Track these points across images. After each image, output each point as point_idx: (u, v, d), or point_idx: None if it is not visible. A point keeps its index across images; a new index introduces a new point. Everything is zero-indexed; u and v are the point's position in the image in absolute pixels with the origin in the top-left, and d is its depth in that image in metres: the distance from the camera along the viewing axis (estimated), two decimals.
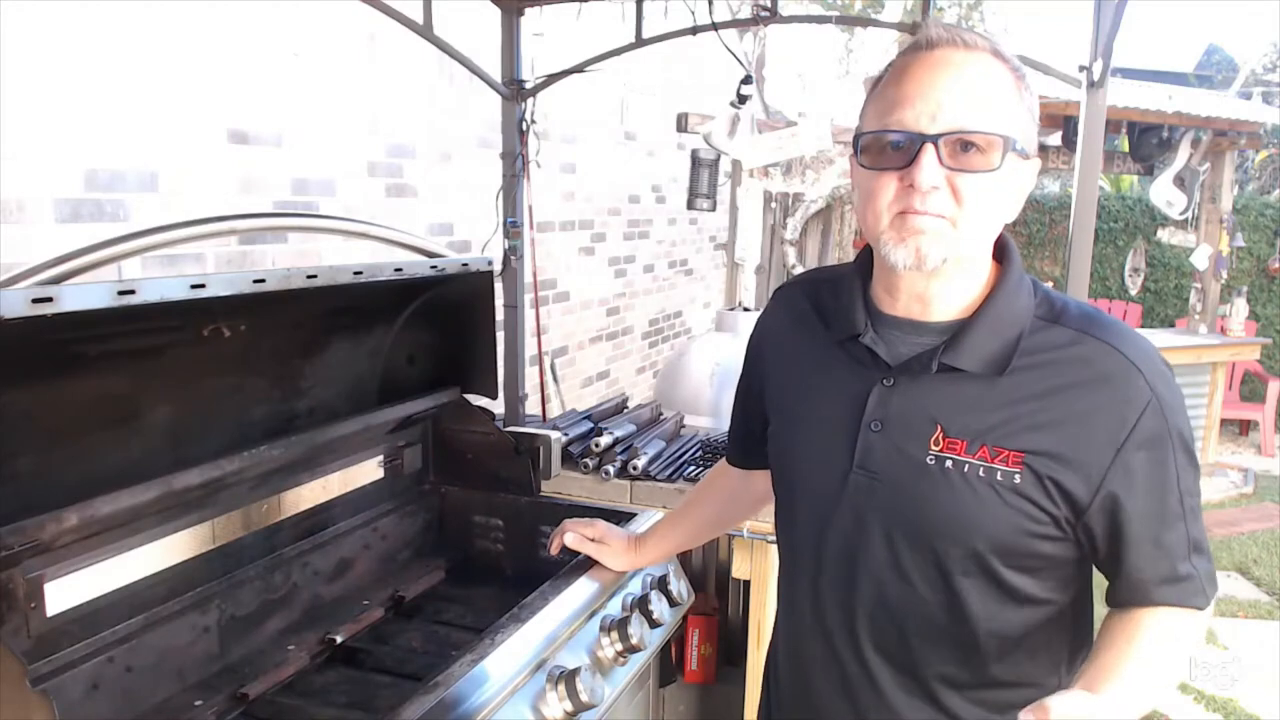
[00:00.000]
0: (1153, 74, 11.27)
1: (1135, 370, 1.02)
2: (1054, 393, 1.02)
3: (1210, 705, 3.46)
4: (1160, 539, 1.03)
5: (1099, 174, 2.43)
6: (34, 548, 1.25)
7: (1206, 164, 6.12)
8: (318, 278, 1.52)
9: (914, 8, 10.35)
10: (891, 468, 1.08)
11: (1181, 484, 1.03)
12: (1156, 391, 1.02)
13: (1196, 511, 1.05)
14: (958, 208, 0.99)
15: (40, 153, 2.23)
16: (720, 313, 3.71)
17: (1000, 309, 1.06)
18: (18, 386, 1.27)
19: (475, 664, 1.35)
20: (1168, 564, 1.04)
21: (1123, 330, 1.05)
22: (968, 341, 1.05)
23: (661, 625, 1.76)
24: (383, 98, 3.39)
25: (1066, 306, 1.08)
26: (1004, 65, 1.01)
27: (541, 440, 2.10)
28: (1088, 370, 1.02)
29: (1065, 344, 1.04)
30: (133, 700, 1.45)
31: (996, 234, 1.07)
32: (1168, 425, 1.02)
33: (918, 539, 1.07)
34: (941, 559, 1.06)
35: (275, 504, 1.76)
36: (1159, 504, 1.03)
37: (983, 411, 1.04)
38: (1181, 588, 1.04)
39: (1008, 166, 0.99)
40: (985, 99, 0.99)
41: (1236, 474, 6.29)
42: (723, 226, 6.55)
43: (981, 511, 1.03)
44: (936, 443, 1.05)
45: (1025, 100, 1.02)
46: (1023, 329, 1.05)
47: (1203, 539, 1.06)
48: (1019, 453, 1.01)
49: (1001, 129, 0.98)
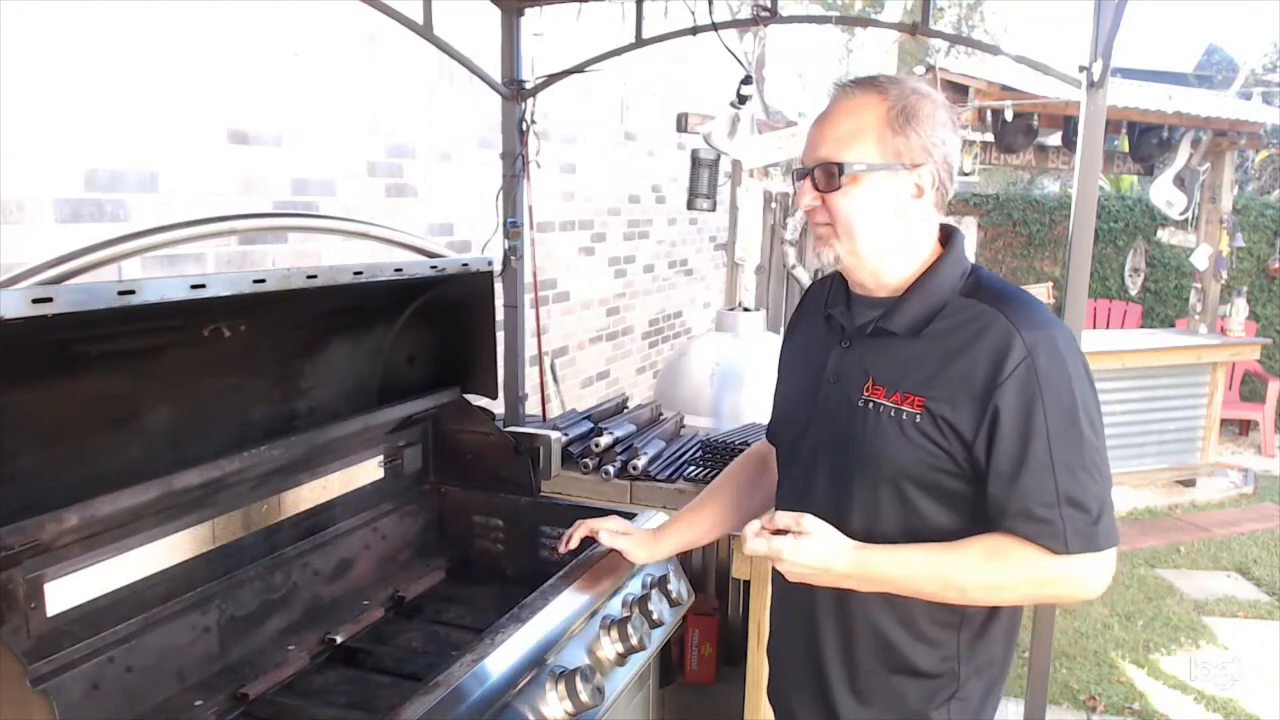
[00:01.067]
0: (1153, 74, 11.27)
1: (1017, 335, 1.23)
2: (953, 351, 1.27)
3: (1210, 705, 3.47)
4: (1018, 479, 1.22)
5: (1099, 174, 2.43)
6: (34, 548, 1.25)
7: (1206, 164, 6.12)
8: (318, 278, 1.52)
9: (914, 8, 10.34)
10: (837, 411, 1.36)
11: (1052, 439, 1.21)
12: (1034, 356, 1.22)
13: (1076, 471, 1.22)
14: (831, 217, 1.31)
15: (40, 153, 2.23)
16: (720, 313, 3.71)
17: (928, 285, 1.32)
18: (18, 386, 1.27)
19: (475, 664, 1.35)
20: (1022, 503, 1.23)
21: (1025, 306, 1.28)
22: (898, 310, 1.32)
23: (661, 625, 1.76)
24: (383, 98, 3.39)
25: (989, 286, 1.32)
26: (874, 99, 1.28)
27: (541, 440, 2.10)
28: (981, 334, 1.26)
29: (972, 314, 1.28)
30: (133, 700, 1.45)
31: (894, 233, 1.32)
32: (1039, 385, 1.21)
33: (850, 467, 1.33)
34: (866, 483, 1.32)
35: (275, 504, 1.76)
36: (1020, 449, 1.22)
37: (901, 365, 1.30)
38: (1034, 526, 1.23)
39: (850, 186, 1.28)
40: (844, 133, 1.28)
41: (1236, 474, 6.29)
42: (723, 226, 6.55)
43: (892, 444, 1.28)
44: (867, 389, 1.32)
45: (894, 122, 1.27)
46: (946, 302, 1.30)
47: (1083, 497, 1.22)
48: (920, 398, 1.27)
49: (841, 156, 1.27)
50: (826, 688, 1.41)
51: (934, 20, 2.55)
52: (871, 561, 1.27)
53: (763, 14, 2.58)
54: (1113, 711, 3.42)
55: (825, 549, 1.27)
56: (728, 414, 3.17)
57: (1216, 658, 3.83)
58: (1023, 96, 5.38)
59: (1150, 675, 3.68)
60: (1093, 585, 1.26)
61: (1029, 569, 1.24)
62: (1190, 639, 3.99)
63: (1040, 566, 1.24)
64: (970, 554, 1.25)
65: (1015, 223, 9.12)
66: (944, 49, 8.77)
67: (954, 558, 1.26)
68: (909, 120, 1.27)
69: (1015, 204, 9.21)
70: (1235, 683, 3.61)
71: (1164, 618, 4.19)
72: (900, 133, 1.27)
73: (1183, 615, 4.22)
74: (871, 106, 1.28)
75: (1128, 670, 3.72)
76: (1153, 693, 3.54)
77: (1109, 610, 4.25)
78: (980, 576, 1.26)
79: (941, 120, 1.30)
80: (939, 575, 1.26)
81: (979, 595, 1.28)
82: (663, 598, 1.81)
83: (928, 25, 2.45)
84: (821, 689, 1.42)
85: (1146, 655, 3.84)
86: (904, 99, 1.28)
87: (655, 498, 2.33)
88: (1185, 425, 5.92)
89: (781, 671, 1.54)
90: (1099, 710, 3.43)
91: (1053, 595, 1.35)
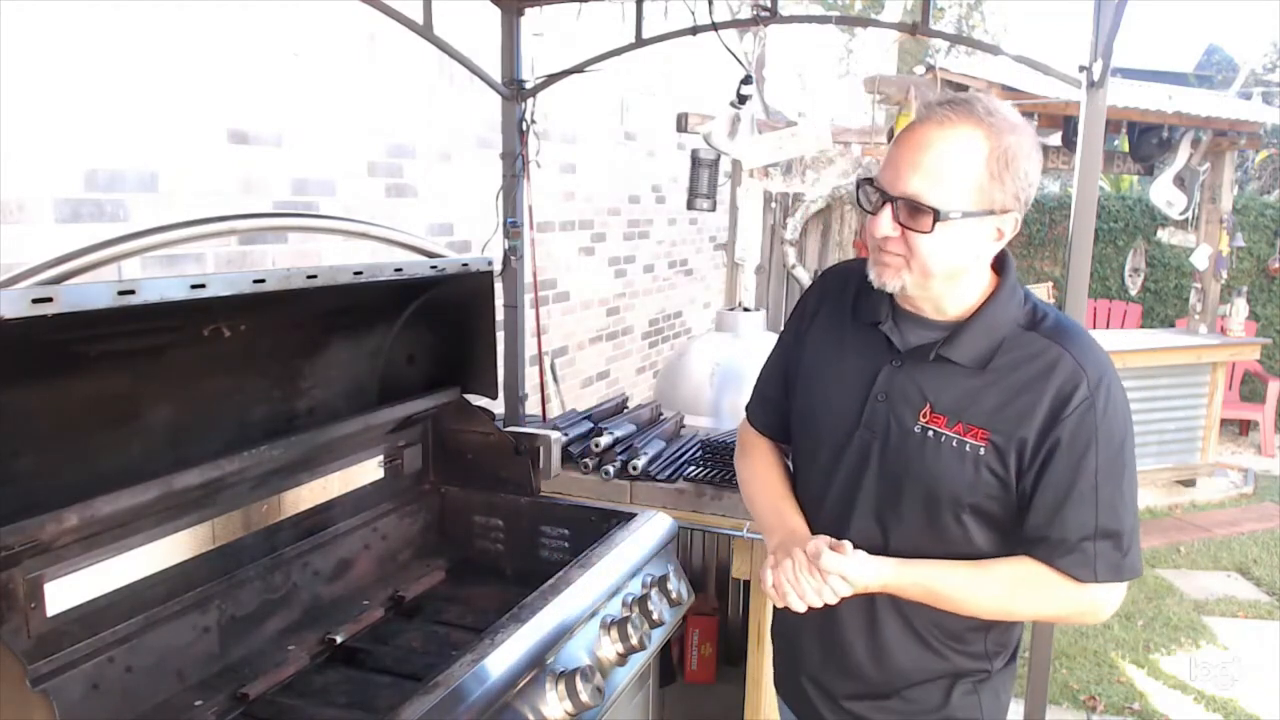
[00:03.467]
0: (1153, 74, 11.26)
1: (1083, 375, 1.26)
2: (1019, 386, 1.28)
3: (1210, 705, 3.46)
4: (1061, 511, 1.26)
5: (1099, 174, 2.43)
6: (34, 548, 1.25)
7: (1206, 164, 6.11)
8: (318, 278, 1.52)
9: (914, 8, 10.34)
10: (887, 430, 1.35)
11: (1099, 476, 1.25)
12: (1095, 396, 1.25)
13: (1116, 506, 1.27)
14: (908, 252, 1.26)
15: (40, 153, 2.23)
16: (720, 313, 3.70)
17: (991, 315, 1.31)
18: (18, 386, 1.27)
19: (475, 664, 1.35)
20: (1060, 533, 1.27)
21: (1086, 343, 1.30)
22: (961, 339, 1.31)
23: (661, 625, 1.76)
24: (383, 98, 3.39)
25: (1046, 317, 1.33)
26: (979, 137, 1.21)
27: (541, 440, 2.10)
28: (1047, 370, 1.27)
29: (1036, 348, 1.29)
30: (133, 700, 1.45)
31: (965, 269, 1.30)
32: (1096, 426, 1.25)
33: (901, 486, 1.34)
34: (916, 502, 1.33)
35: (275, 504, 1.76)
36: (1068, 484, 1.26)
37: (964, 396, 1.30)
38: (1067, 555, 1.27)
39: (941, 231, 1.23)
40: (939, 171, 1.22)
41: (1236, 474, 6.29)
42: (723, 226, 6.54)
43: (952, 473, 1.30)
44: (925, 415, 1.32)
45: (992, 167, 1.22)
46: (1007, 333, 1.31)
47: (1118, 529, 1.27)
48: (985, 430, 1.28)
49: (938, 202, 1.21)
50: (854, 687, 1.44)
51: (934, 20, 2.55)
52: (903, 575, 1.31)
53: (763, 14, 2.58)
54: (1113, 711, 3.42)
55: (872, 566, 1.30)
56: (728, 414, 3.17)
57: (1216, 658, 3.83)
58: (1023, 96, 5.38)
59: (1150, 675, 3.68)
60: (1105, 612, 1.32)
61: (1051, 594, 1.29)
62: (1190, 639, 3.99)
63: (1062, 593, 1.29)
64: (997, 576, 1.30)
65: None
66: (944, 49, 8.76)
67: (980, 578, 1.30)
68: (1008, 166, 1.23)
69: None
70: (1235, 683, 3.60)
71: (1164, 618, 4.19)
72: (997, 179, 1.23)
73: (1183, 615, 4.22)
74: (974, 147, 1.22)
75: (1128, 670, 3.72)
76: (1153, 693, 3.54)
77: None
78: (1002, 598, 1.31)
79: (1035, 159, 1.26)
80: (962, 593, 1.30)
81: (993, 613, 1.33)
82: (663, 598, 1.81)
83: (928, 25, 2.45)
84: (847, 689, 1.45)
85: (1146, 655, 3.84)
86: (1005, 141, 1.22)
87: (655, 498, 2.33)
88: (1185, 425, 5.92)
89: (795, 671, 1.55)
90: (1099, 710, 3.43)
91: (1064, 618, 1.38)
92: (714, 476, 2.36)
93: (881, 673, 1.42)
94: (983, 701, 1.41)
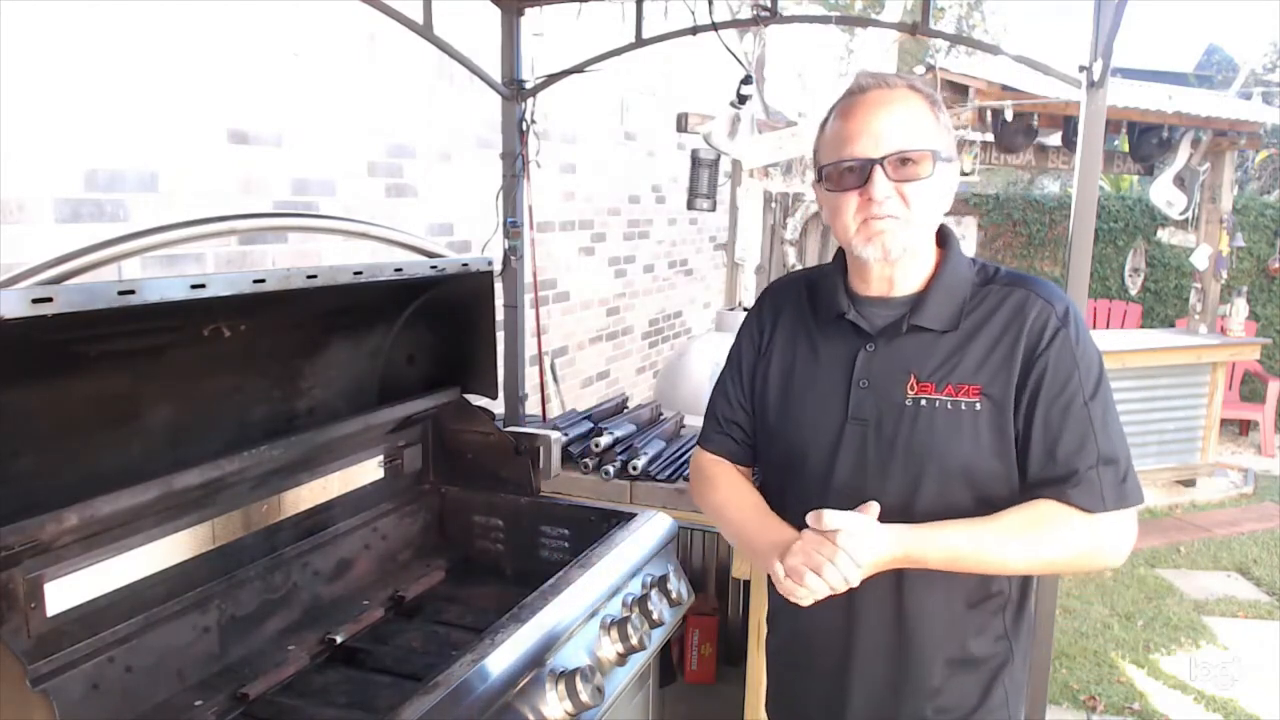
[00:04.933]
0: (1153, 74, 11.26)
1: (1050, 308, 1.30)
2: (995, 335, 1.30)
3: (1210, 705, 3.46)
4: (1060, 440, 1.26)
5: (1099, 174, 2.43)
6: (34, 548, 1.25)
7: (1206, 164, 6.12)
8: (318, 278, 1.52)
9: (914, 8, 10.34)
10: (879, 415, 1.33)
11: (1089, 401, 1.27)
12: (1066, 325, 1.29)
13: (1109, 429, 1.27)
14: (906, 208, 1.28)
15: (40, 153, 2.23)
16: (720, 313, 3.71)
17: (948, 279, 1.35)
18: (18, 386, 1.27)
19: (475, 664, 1.35)
20: (1066, 465, 1.26)
21: (1044, 283, 1.34)
22: (928, 306, 1.33)
23: (661, 625, 1.76)
24: (383, 98, 3.39)
25: (998, 270, 1.38)
26: (919, 96, 1.30)
27: (541, 440, 2.10)
28: (1015, 312, 1.31)
29: (1000, 296, 1.33)
30: (133, 700, 1.45)
31: (937, 225, 1.36)
32: (1074, 353, 1.28)
33: (906, 466, 1.31)
34: (931, 480, 1.30)
35: (275, 504, 1.76)
36: (1060, 413, 1.26)
37: (946, 359, 1.31)
38: (1075, 487, 1.25)
39: (938, 173, 1.28)
40: (911, 124, 1.28)
41: (1236, 474, 6.29)
42: (723, 226, 6.55)
43: (953, 438, 1.29)
44: (912, 388, 1.31)
45: (941, 119, 1.31)
46: (967, 291, 1.34)
47: (1114, 453, 1.27)
48: (975, 386, 1.29)
49: (928, 145, 1.28)
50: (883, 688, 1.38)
51: (934, 20, 2.55)
52: (914, 542, 1.25)
53: (763, 14, 2.59)
54: (1113, 711, 3.42)
55: (880, 539, 1.24)
56: None
57: (1216, 658, 3.83)
58: (1023, 96, 5.38)
59: (1150, 675, 3.68)
60: (1120, 550, 1.29)
61: (1070, 533, 1.26)
62: (1190, 639, 3.99)
63: (1080, 530, 1.26)
64: (1011, 524, 1.26)
65: (1015, 223, 9.11)
66: (944, 49, 8.76)
67: (995, 530, 1.26)
68: (942, 111, 1.32)
69: (1015, 204, 9.21)
70: (1235, 683, 3.60)
71: (1164, 618, 4.19)
72: (945, 127, 1.32)
73: (1183, 615, 4.22)
74: (920, 103, 1.30)
75: (1128, 670, 3.72)
76: (1153, 693, 3.54)
77: (1109, 610, 4.25)
78: (1028, 543, 1.26)
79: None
80: (989, 546, 1.26)
81: (1020, 564, 1.28)
82: (663, 598, 1.81)
83: (928, 25, 2.45)
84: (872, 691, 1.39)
85: (1146, 655, 3.84)
86: (933, 95, 1.32)
87: (655, 498, 2.33)
88: (1185, 425, 5.92)
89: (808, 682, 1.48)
90: (1099, 710, 3.43)
91: (1084, 559, 1.31)
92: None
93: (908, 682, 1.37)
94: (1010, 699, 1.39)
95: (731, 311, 3.65)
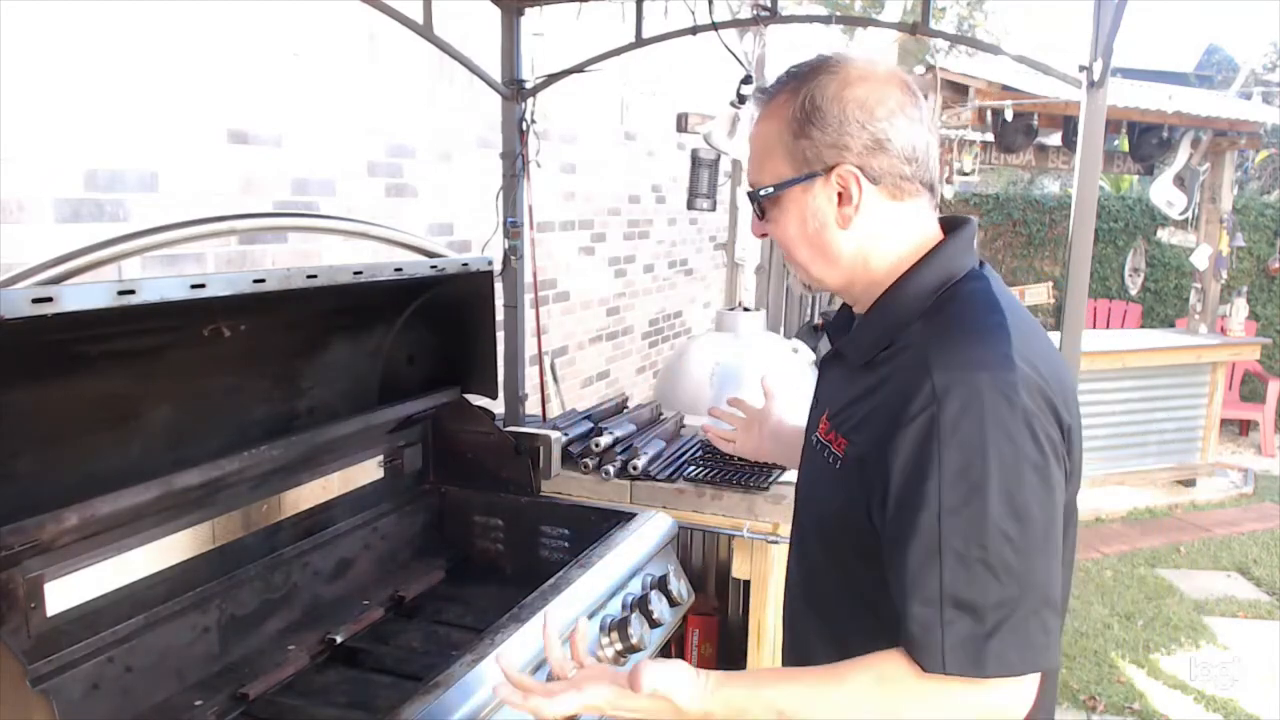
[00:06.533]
0: (1153, 74, 11.27)
1: (927, 376, 0.95)
2: (880, 389, 1.03)
3: (1210, 705, 3.46)
4: (903, 560, 0.93)
5: (1099, 174, 2.43)
6: (34, 548, 1.25)
7: (1206, 164, 6.12)
8: (318, 278, 1.52)
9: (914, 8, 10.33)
10: (806, 452, 1.21)
11: (944, 516, 0.91)
12: (941, 403, 0.93)
13: (971, 564, 0.90)
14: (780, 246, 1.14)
15: (40, 153, 2.23)
16: (720, 313, 3.70)
17: (887, 307, 1.09)
18: (18, 386, 1.27)
19: (475, 664, 1.35)
20: (902, 593, 0.93)
21: (959, 339, 0.99)
22: (855, 333, 1.14)
23: (661, 625, 1.76)
24: (383, 98, 3.39)
25: (947, 308, 1.04)
26: (784, 99, 1.08)
27: (541, 440, 2.10)
28: (900, 366, 1.02)
29: (909, 343, 1.03)
30: (133, 700, 1.45)
31: (836, 251, 1.09)
32: (939, 442, 0.92)
33: (800, 515, 1.21)
34: (804, 533, 1.18)
35: (275, 504, 1.76)
36: (904, 523, 0.94)
37: (844, 398, 1.11)
38: (910, 630, 0.92)
39: (773, 212, 1.11)
40: (754, 156, 1.12)
41: (1236, 474, 6.29)
42: (723, 226, 6.54)
43: (820, 486, 1.13)
44: (821, 425, 1.14)
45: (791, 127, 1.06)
46: (903, 326, 1.05)
47: (974, 599, 0.90)
48: (845, 440, 1.07)
49: (758, 180, 1.11)
50: None
51: (934, 20, 2.55)
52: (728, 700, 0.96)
53: (763, 14, 2.59)
54: (1113, 711, 3.42)
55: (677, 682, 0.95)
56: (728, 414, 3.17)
57: (1216, 658, 3.83)
58: (1023, 96, 5.39)
59: (1150, 675, 3.68)
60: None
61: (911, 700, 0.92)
62: (1190, 639, 3.99)
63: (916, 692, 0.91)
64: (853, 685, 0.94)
65: (1015, 223, 9.12)
66: (944, 49, 8.76)
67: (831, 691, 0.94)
68: (809, 118, 1.05)
69: (1015, 204, 9.21)
70: (1235, 683, 3.60)
71: (1164, 618, 4.19)
72: (803, 135, 1.05)
73: (1183, 615, 4.22)
74: (777, 113, 1.08)
75: (1128, 670, 3.72)
76: (1153, 693, 3.54)
77: (1109, 610, 4.25)
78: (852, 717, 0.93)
79: (860, 100, 1.04)
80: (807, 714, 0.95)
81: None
82: (663, 598, 1.81)
83: (928, 25, 2.45)
84: None
85: (1146, 655, 3.84)
86: (804, 92, 1.05)
87: (655, 497, 2.33)
88: (1185, 425, 5.92)
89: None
90: (1099, 710, 3.43)
91: None
92: (714, 476, 2.35)
93: None
94: None
95: (731, 311, 3.65)
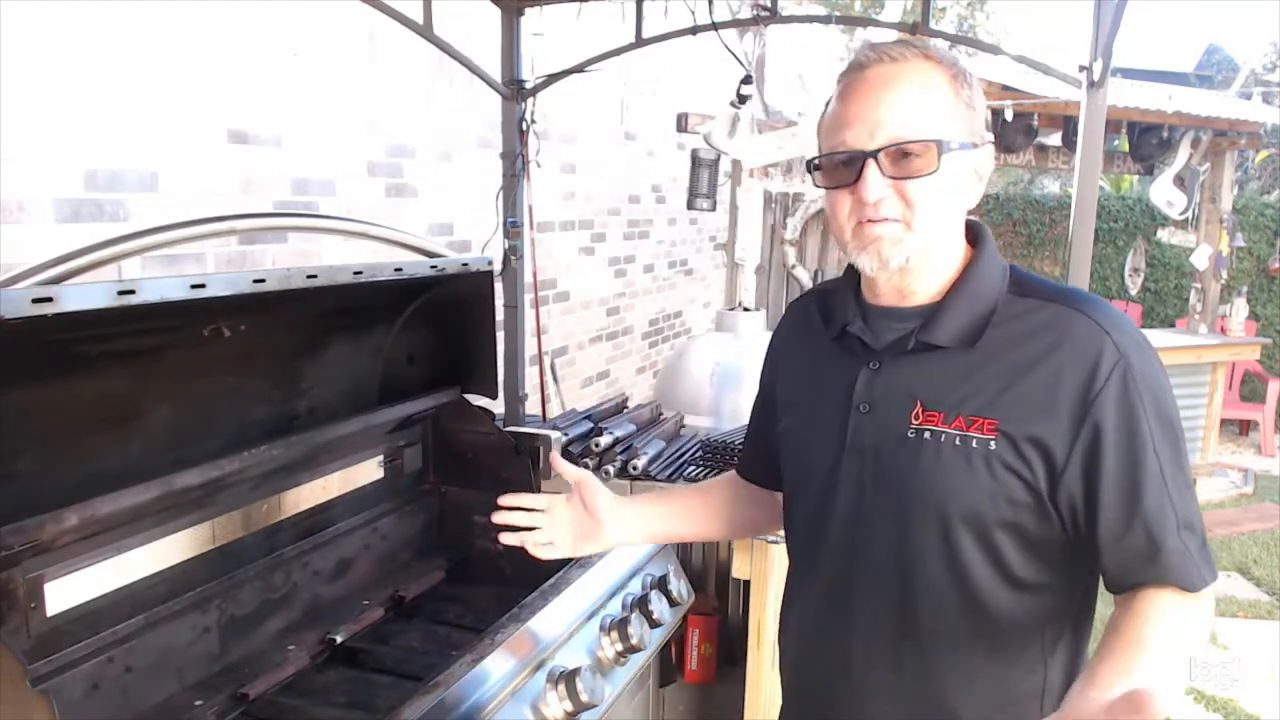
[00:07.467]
0: (1153, 74, 11.27)
1: (1103, 333, 1.03)
2: (1025, 359, 1.06)
3: (1210, 705, 3.46)
4: (1139, 506, 1.01)
5: (1099, 174, 2.43)
6: (34, 548, 1.25)
7: (1206, 164, 6.12)
8: (318, 278, 1.52)
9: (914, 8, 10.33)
10: (878, 447, 1.13)
11: (1160, 454, 1.02)
12: (1127, 356, 1.02)
13: (1184, 488, 1.03)
14: (908, 210, 1.07)
15: (40, 153, 2.23)
16: (720, 313, 3.70)
17: (972, 287, 1.12)
18: (18, 386, 1.27)
19: (475, 664, 1.35)
20: (1150, 534, 1.01)
21: (1094, 299, 1.09)
22: (942, 319, 1.11)
23: (661, 625, 1.76)
24: (383, 98, 3.39)
25: (1040, 283, 1.13)
26: (935, 66, 1.08)
27: (541, 440, 2.10)
28: (1055, 334, 1.05)
29: (1039, 314, 1.08)
30: (133, 700, 1.45)
31: (957, 223, 1.14)
32: (1140, 390, 1.02)
33: (908, 512, 1.11)
34: (930, 530, 1.10)
35: (275, 504, 1.76)
36: (1132, 471, 1.02)
37: (958, 383, 1.08)
38: (1166, 564, 1.01)
39: (946, 165, 1.06)
40: (916, 107, 1.06)
41: (1236, 474, 6.29)
42: (723, 226, 6.54)
43: (958, 480, 1.06)
44: (916, 417, 1.10)
45: (963, 94, 1.09)
46: (995, 304, 1.10)
47: (1192, 517, 1.03)
48: (993, 420, 1.05)
49: (934, 133, 1.05)
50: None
51: (934, 20, 2.55)
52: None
53: (763, 14, 2.59)
54: None
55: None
56: (728, 414, 3.17)
57: (1216, 657, 3.82)
58: (1023, 96, 5.38)
59: None
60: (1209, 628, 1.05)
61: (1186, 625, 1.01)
62: None
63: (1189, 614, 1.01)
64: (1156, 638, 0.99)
65: (1015, 223, 9.12)
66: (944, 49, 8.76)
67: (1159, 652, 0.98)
68: (973, 90, 1.09)
69: (1015, 204, 9.21)
70: (1235, 683, 3.60)
71: None
72: (970, 105, 1.08)
73: None
74: (937, 78, 1.07)
75: None
76: None
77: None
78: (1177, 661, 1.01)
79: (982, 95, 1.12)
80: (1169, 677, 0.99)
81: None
82: (663, 598, 1.81)
83: (928, 25, 2.45)
84: None
85: None
86: (958, 67, 1.08)
87: None
88: (1185, 425, 5.88)
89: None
90: None
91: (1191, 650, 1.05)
92: (714, 476, 2.36)
93: None
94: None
95: (731, 311, 3.65)
